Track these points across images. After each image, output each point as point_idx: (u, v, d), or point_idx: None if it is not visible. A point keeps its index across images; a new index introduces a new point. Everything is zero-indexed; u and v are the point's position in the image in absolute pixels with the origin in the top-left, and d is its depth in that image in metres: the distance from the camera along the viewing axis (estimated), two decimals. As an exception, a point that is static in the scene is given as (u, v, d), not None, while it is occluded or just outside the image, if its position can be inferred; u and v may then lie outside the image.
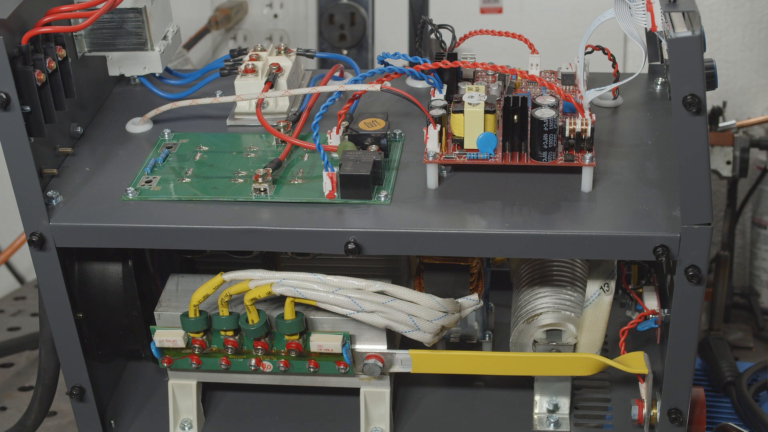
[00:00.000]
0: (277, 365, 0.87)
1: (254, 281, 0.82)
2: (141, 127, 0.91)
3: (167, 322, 0.87)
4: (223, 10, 1.34)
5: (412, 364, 0.87)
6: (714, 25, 1.28)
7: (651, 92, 0.92)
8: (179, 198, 0.82)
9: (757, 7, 1.27)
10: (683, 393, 0.83)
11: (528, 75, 0.84)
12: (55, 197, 0.82)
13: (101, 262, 0.86)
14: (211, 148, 0.88)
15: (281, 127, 0.87)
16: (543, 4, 1.29)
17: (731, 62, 1.29)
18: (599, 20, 0.82)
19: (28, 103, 0.78)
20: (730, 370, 1.05)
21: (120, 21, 0.88)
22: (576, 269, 0.90)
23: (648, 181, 0.82)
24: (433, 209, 0.80)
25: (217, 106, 0.92)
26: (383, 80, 0.86)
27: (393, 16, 1.33)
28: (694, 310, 0.79)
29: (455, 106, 0.82)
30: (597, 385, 0.95)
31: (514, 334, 0.89)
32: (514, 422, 0.92)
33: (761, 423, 0.98)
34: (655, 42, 0.93)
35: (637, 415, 0.88)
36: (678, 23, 0.72)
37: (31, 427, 0.91)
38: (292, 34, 1.36)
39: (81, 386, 0.88)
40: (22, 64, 0.77)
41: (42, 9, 0.81)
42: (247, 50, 0.94)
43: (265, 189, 0.81)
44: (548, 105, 0.82)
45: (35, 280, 1.08)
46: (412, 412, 0.94)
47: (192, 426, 0.92)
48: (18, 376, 1.14)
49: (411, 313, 0.81)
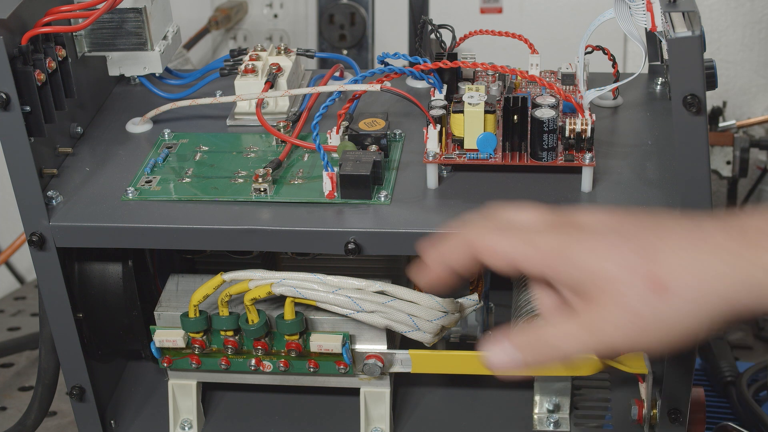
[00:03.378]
0: (277, 365, 0.87)
1: (254, 281, 0.82)
2: (141, 127, 0.91)
3: (167, 322, 0.87)
4: (223, 10, 1.34)
5: (412, 364, 0.87)
6: (714, 25, 1.28)
7: (651, 92, 0.92)
8: (179, 198, 0.82)
9: (757, 7, 1.27)
10: (683, 393, 0.83)
11: (528, 75, 0.84)
12: (55, 197, 0.82)
13: (101, 262, 0.86)
14: (211, 148, 0.88)
15: (281, 127, 0.87)
16: (543, 4, 1.29)
17: (731, 62, 1.29)
18: (599, 20, 0.82)
19: (28, 103, 0.78)
20: (730, 370, 1.05)
21: (120, 21, 0.88)
22: (576, 269, 0.90)
23: (648, 181, 0.82)
24: (433, 209, 0.80)
25: (217, 106, 0.92)
26: (383, 80, 0.86)
27: (393, 16, 1.33)
28: (694, 310, 0.79)
29: (455, 106, 0.82)
30: (597, 385, 0.95)
31: (514, 334, 0.89)
32: (514, 422, 0.92)
33: (761, 423, 0.98)
34: (655, 42, 0.93)
35: (637, 415, 0.88)
36: (678, 23, 0.72)
37: (31, 427, 0.91)
38: (292, 34, 1.36)
39: (81, 386, 0.88)
40: (22, 64, 0.77)
41: (42, 9, 0.81)
42: (247, 50, 0.94)
43: (265, 189, 0.81)
44: (548, 105, 0.82)
45: (35, 280, 1.08)
46: (412, 412, 0.94)
47: (192, 426, 0.92)
48: (18, 376, 1.14)
49: (411, 313, 0.81)
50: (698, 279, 0.53)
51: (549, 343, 0.58)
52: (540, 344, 0.59)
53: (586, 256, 0.56)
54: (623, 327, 0.55)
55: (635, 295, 0.54)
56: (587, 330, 0.56)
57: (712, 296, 0.53)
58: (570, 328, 0.57)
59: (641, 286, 0.54)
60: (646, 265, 0.54)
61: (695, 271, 0.53)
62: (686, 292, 0.53)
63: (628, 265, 0.54)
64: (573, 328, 0.57)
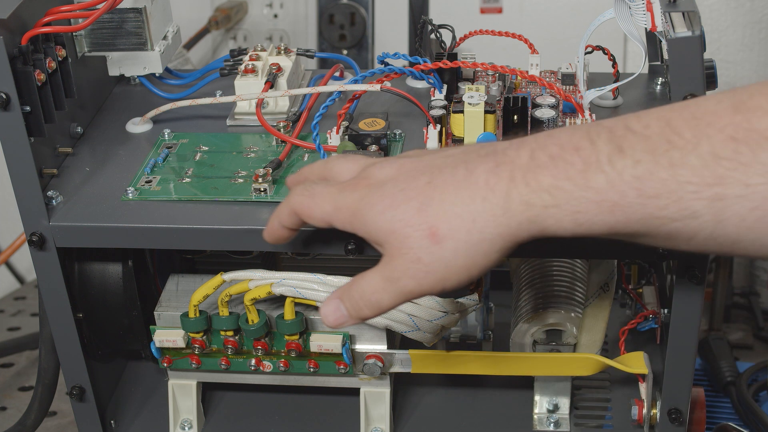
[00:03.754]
0: (277, 365, 0.87)
1: (254, 281, 0.82)
2: (141, 127, 0.91)
3: (167, 322, 0.87)
4: (223, 10, 1.34)
5: (412, 364, 0.87)
6: (714, 25, 1.28)
7: (651, 92, 0.92)
8: (179, 198, 0.82)
9: (757, 7, 1.27)
10: (683, 393, 0.83)
11: (528, 75, 0.84)
12: (55, 197, 0.82)
13: (101, 262, 0.86)
14: (211, 148, 0.88)
15: (281, 127, 0.87)
16: (543, 4, 1.29)
17: (731, 62, 1.29)
18: (599, 20, 0.82)
19: (28, 103, 0.78)
20: (730, 370, 1.05)
21: (120, 21, 0.88)
22: (576, 269, 0.90)
23: (648, 181, 0.81)
24: (433, 209, 0.80)
25: (217, 106, 0.92)
26: (383, 80, 0.86)
27: (393, 16, 1.32)
28: (694, 310, 0.79)
29: (455, 106, 0.82)
30: (597, 385, 0.95)
31: (514, 334, 0.89)
32: (514, 422, 0.92)
33: (761, 423, 0.98)
34: (655, 42, 0.93)
35: (637, 415, 0.88)
36: (678, 23, 0.72)
37: (31, 427, 0.91)
38: (292, 34, 1.36)
39: (81, 386, 0.88)
40: (22, 64, 0.77)
41: (42, 9, 0.81)
42: (247, 50, 0.94)
43: (265, 189, 0.81)
44: (548, 105, 0.82)
45: (35, 280, 1.08)
46: (412, 412, 0.94)
47: (192, 426, 0.92)
48: (18, 376, 1.14)
49: (411, 313, 0.81)
50: (469, 222, 0.61)
51: (360, 294, 0.66)
52: (355, 295, 0.67)
53: (378, 217, 0.64)
54: (413, 274, 0.63)
55: (418, 246, 0.62)
56: (386, 280, 0.65)
57: (486, 235, 0.61)
58: (374, 279, 0.65)
59: (422, 238, 0.62)
60: (425, 220, 0.62)
61: (466, 216, 0.61)
62: (460, 235, 0.62)
63: (411, 222, 0.63)
64: (376, 278, 0.65)
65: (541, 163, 0.60)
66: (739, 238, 0.58)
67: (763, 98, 0.57)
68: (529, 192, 0.60)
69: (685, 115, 0.58)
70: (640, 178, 0.58)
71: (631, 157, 0.58)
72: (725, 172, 0.56)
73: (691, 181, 0.57)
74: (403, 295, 0.65)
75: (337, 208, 0.67)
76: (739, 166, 0.56)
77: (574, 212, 0.60)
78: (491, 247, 0.62)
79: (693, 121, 0.58)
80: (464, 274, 0.63)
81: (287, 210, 0.70)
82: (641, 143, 0.58)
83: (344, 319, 0.68)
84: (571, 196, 0.59)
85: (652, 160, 0.58)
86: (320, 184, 0.69)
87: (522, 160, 0.61)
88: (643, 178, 0.58)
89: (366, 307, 0.66)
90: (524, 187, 0.60)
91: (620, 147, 0.59)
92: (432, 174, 0.64)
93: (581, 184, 0.59)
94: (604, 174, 0.59)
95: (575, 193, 0.59)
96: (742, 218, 0.57)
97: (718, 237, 0.58)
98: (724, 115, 0.57)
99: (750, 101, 0.57)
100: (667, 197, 0.58)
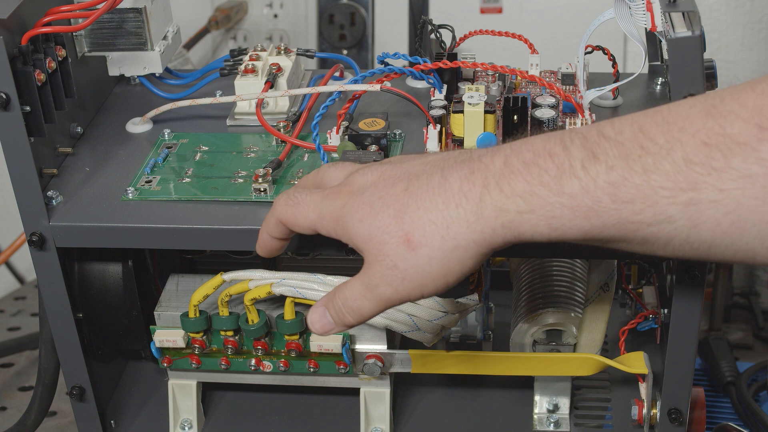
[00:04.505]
0: (277, 365, 0.87)
1: (254, 281, 0.82)
2: (141, 127, 0.91)
3: (167, 322, 0.87)
4: (223, 10, 1.34)
5: (412, 364, 0.87)
6: (714, 25, 1.28)
7: (651, 92, 0.92)
8: (179, 198, 0.82)
9: (757, 7, 1.27)
10: (683, 393, 0.83)
11: (528, 75, 0.84)
12: (55, 197, 0.82)
13: (101, 262, 0.86)
14: (211, 148, 0.88)
15: (281, 127, 0.87)
16: (543, 4, 1.29)
17: (731, 62, 1.29)
18: (599, 20, 0.82)
19: (28, 103, 0.78)
20: (730, 370, 1.05)
21: (120, 21, 0.88)
22: (576, 269, 0.90)
23: (648, 181, 0.81)
24: (433, 209, 0.80)
25: (217, 106, 0.92)
26: (383, 80, 0.86)
27: (393, 16, 1.32)
28: (694, 310, 0.79)
29: (455, 106, 0.82)
30: (597, 385, 0.95)
31: (514, 334, 0.89)
32: (514, 422, 0.92)
33: (761, 423, 0.98)
34: (655, 42, 0.93)
35: (637, 415, 0.88)
36: (678, 23, 0.72)
37: (31, 427, 0.91)
38: (292, 34, 1.36)
39: (81, 386, 0.88)
40: (22, 64, 0.77)
41: (42, 9, 0.81)
42: (247, 50, 0.94)
43: (265, 189, 0.81)
44: (548, 105, 0.82)
45: (35, 280, 1.08)
46: (412, 412, 0.94)
47: (192, 426, 0.92)
48: (18, 376, 1.14)
49: (411, 313, 0.81)
50: (443, 229, 0.62)
51: (343, 301, 0.67)
52: (338, 303, 0.67)
53: (357, 225, 0.65)
54: (390, 281, 0.64)
55: (394, 253, 0.63)
56: (366, 287, 0.65)
57: (460, 241, 0.62)
58: (354, 286, 0.66)
59: (398, 245, 0.63)
60: (401, 227, 0.63)
61: (440, 223, 0.62)
62: (434, 242, 0.62)
63: (387, 230, 0.63)
64: (356, 285, 0.66)
65: (514, 169, 0.61)
66: (715, 243, 0.58)
67: (735, 102, 0.56)
68: (503, 198, 0.61)
69: (658, 120, 0.58)
70: (614, 184, 0.58)
71: (605, 163, 0.58)
72: (698, 177, 0.56)
73: (665, 186, 0.57)
74: (382, 302, 0.65)
75: (320, 215, 0.68)
76: (712, 171, 0.56)
77: (548, 217, 0.60)
78: (465, 254, 0.62)
79: (665, 126, 0.58)
80: (441, 281, 0.64)
81: (273, 220, 0.71)
82: (615, 149, 0.59)
83: (330, 326, 0.69)
84: (546, 202, 0.60)
85: (626, 166, 0.58)
86: (304, 191, 0.70)
87: (496, 166, 0.61)
88: (617, 183, 0.58)
89: (349, 314, 0.67)
90: (498, 194, 0.61)
91: (594, 153, 0.59)
92: (409, 181, 0.64)
93: (555, 190, 0.59)
94: (578, 180, 0.59)
95: (549, 198, 0.59)
96: (716, 223, 0.57)
97: (694, 242, 0.58)
98: (696, 119, 0.57)
99: (721, 106, 0.57)
100: (641, 202, 0.58)
